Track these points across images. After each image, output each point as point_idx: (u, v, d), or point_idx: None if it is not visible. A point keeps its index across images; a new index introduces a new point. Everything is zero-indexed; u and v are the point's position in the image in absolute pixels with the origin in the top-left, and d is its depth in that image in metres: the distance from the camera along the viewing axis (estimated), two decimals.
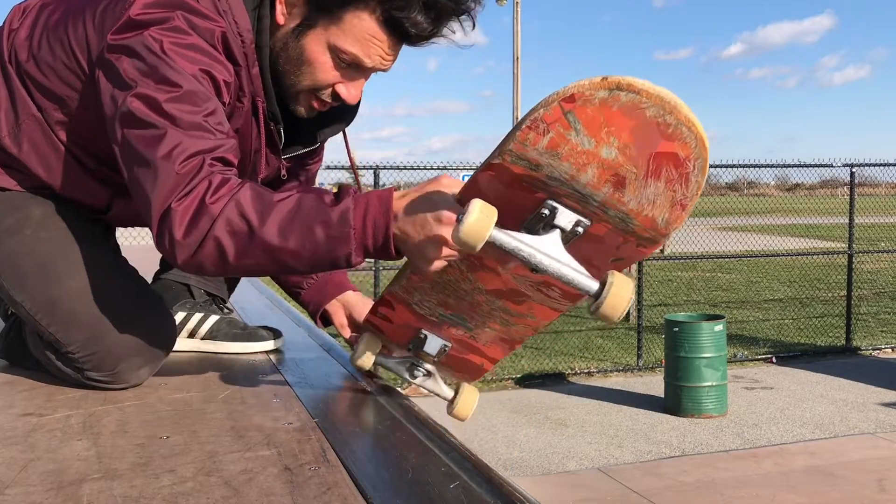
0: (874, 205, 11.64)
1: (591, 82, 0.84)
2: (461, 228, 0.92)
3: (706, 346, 6.67)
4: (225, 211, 1.09)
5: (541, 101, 0.87)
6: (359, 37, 1.28)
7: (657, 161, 0.90)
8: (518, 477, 5.29)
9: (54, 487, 0.94)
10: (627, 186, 0.93)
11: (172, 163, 1.11)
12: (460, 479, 0.96)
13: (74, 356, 1.36)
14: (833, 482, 5.20)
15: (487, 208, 0.93)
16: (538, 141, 0.89)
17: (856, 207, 9.35)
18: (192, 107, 1.16)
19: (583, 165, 0.91)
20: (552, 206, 0.97)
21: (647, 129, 0.87)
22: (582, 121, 0.86)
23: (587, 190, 0.94)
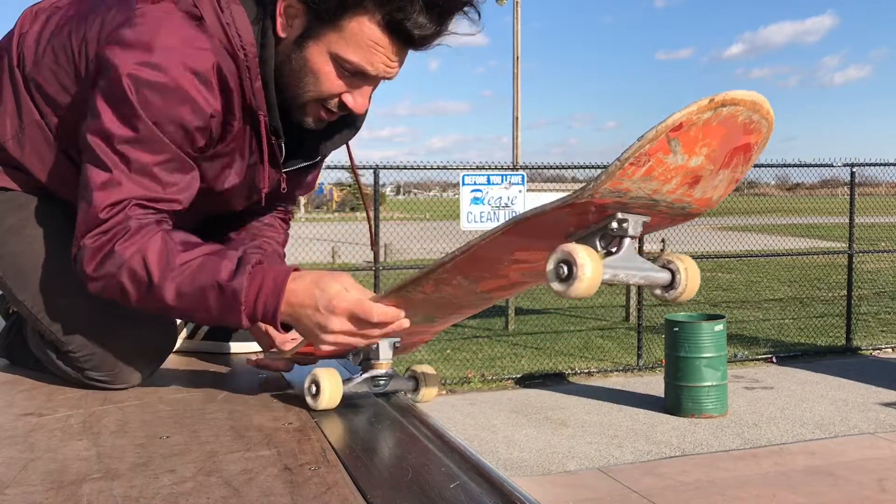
0: (874, 205, 11.65)
1: (699, 107, 0.83)
2: (573, 289, 0.87)
3: (706, 345, 6.67)
4: (130, 260, 1.19)
5: (646, 136, 0.83)
6: (360, 44, 1.24)
7: (733, 153, 0.91)
8: (518, 477, 5.29)
9: (54, 487, 0.94)
10: (701, 182, 0.92)
11: (101, 202, 1.20)
12: (460, 479, 0.96)
13: (75, 355, 1.37)
14: (833, 482, 5.20)
15: (593, 256, 0.88)
16: (636, 172, 0.86)
17: (856, 207, 9.35)
18: (144, 152, 1.21)
19: (669, 179, 0.89)
20: (622, 220, 0.93)
21: (735, 132, 0.88)
22: (682, 143, 0.85)
23: (663, 196, 0.91)
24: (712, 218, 13.77)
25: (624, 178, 0.86)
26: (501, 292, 1.21)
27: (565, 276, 0.88)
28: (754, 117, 0.88)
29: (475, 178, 8.51)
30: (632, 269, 0.95)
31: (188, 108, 1.22)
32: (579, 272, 0.87)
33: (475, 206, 8.46)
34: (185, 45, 1.21)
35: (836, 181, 12.64)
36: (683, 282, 0.99)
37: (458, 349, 9.18)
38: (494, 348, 9.41)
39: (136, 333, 1.37)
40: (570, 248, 0.88)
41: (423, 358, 8.34)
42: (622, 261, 0.94)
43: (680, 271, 0.99)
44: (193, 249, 1.21)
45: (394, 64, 1.28)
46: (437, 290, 1.14)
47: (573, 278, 0.88)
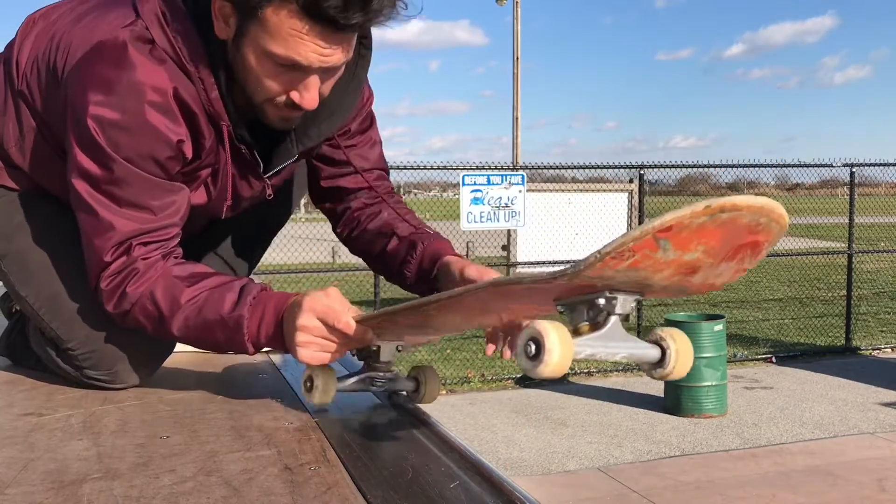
0: (874, 205, 11.64)
1: (693, 212, 0.77)
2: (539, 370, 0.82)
3: (706, 345, 6.67)
4: (141, 299, 1.26)
5: (630, 234, 0.79)
6: (284, 35, 1.17)
7: (739, 249, 0.86)
8: (518, 477, 5.29)
9: (54, 487, 0.94)
10: (699, 273, 0.87)
11: (103, 247, 1.26)
12: (460, 479, 0.96)
13: (74, 353, 1.37)
14: (833, 482, 5.20)
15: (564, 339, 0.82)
16: (619, 265, 0.82)
17: (856, 207, 9.35)
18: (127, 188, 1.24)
19: (660, 270, 0.84)
20: (610, 298, 0.89)
21: (737, 233, 0.83)
22: (673, 243, 0.80)
23: (655, 282, 0.87)
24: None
25: (605, 269, 0.82)
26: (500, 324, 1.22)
27: (532, 355, 0.83)
28: (762, 220, 0.82)
29: (475, 178, 8.50)
30: (614, 347, 0.90)
31: (156, 142, 1.23)
32: (545, 356, 0.81)
33: (475, 206, 8.45)
34: (142, 77, 1.21)
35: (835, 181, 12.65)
36: (672, 362, 0.94)
37: (458, 349, 9.18)
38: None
39: (136, 334, 1.37)
40: (542, 327, 0.82)
41: (423, 358, 8.34)
42: (604, 339, 0.89)
43: (671, 350, 0.93)
44: (199, 283, 1.26)
45: (328, 51, 1.20)
46: (426, 321, 1.14)
47: (539, 362, 0.82)
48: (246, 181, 1.41)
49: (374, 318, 1.18)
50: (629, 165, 9.28)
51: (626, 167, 9.41)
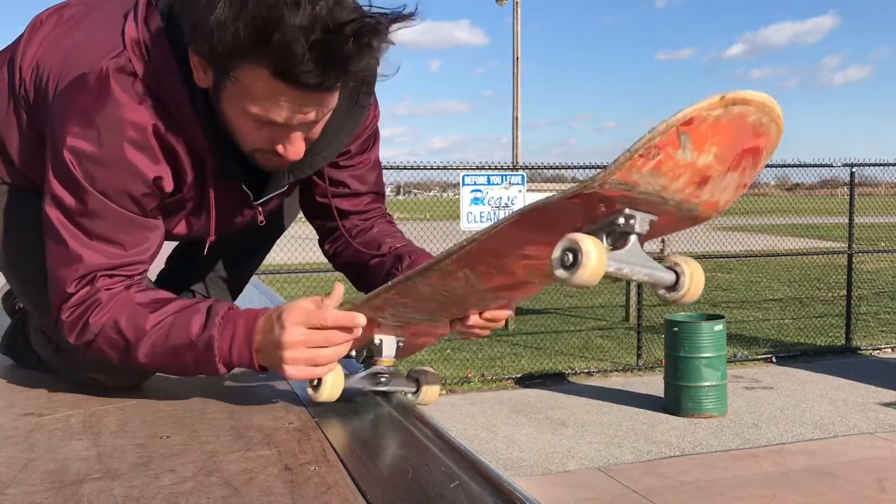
0: (874, 205, 11.65)
1: (710, 103, 0.83)
2: (577, 276, 0.87)
3: (706, 345, 6.68)
4: (104, 328, 1.22)
5: (657, 129, 0.83)
6: (260, 95, 1.12)
7: (742, 156, 0.91)
8: (518, 477, 5.29)
9: (55, 487, 0.94)
10: (709, 183, 0.92)
11: (67, 277, 1.22)
12: (460, 479, 0.96)
13: (72, 355, 1.37)
14: (833, 482, 5.20)
15: (598, 246, 0.88)
16: (645, 165, 0.85)
17: (856, 207, 9.35)
18: (99, 221, 1.21)
19: (678, 176, 0.88)
20: (629, 216, 0.93)
21: (744, 133, 0.88)
22: (692, 138, 0.85)
23: (670, 195, 0.91)
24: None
25: (633, 171, 0.86)
26: (508, 291, 1.20)
27: (570, 264, 0.88)
28: (764, 119, 0.88)
29: (475, 178, 8.51)
30: (637, 265, 0.95)
31: (132, 178, 1.20)
32: (584, 259, 0.87)
33: (475, 206, 8.46)
34: (122, 112, 1.17)
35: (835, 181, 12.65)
36: (687, 285, 0.99)
37: (458, 349, 9.18)
38: (494, 348, 9.41)
39: None
40: (577, 236, 0.88)
41: (423, 358, 8.34)
42: (628, 256, 0.94)
43: (685, 274, 0.99)
44: (164, 308, 1.22)
45: (307, 110, 1.15)
46: (443, 283, 1.13)
47: (577, 265, 0.87)
48: (236, 210, 1.37)
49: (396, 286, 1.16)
50: None
51: None
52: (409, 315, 1.24)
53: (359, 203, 1.53)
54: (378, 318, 1.24)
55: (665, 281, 0.99)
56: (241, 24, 1.04)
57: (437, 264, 1.09)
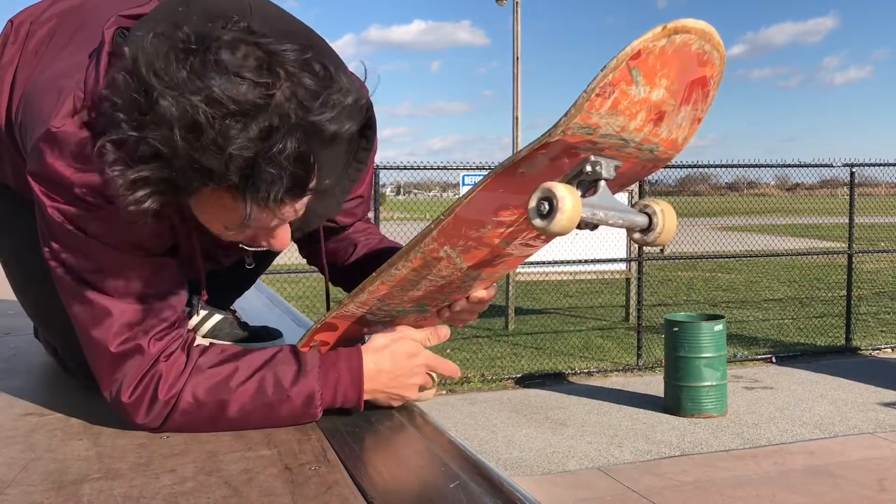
0: (874, 205, 11.65)
1: (654, 34, 0.85)
2: (554, 222, 0.89)
3: (706, 345, 6.68)
4: (181, 402, 1.11)
5: (608, 66, 0.86)
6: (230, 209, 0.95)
7: (691, 87, 0.93)
8: (518, 477, 5.29)
9: (55, 487, 0.94)
10: (665, 119, 0.94)
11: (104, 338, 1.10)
12: (460, 479, 0.96)
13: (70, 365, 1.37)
14: (833, 482, 5.20)
15: (572, 192, 0.90)
16: (603, 105, 0.88)
17: (856, 207, 9.35)
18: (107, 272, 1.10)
19: (634, 114, 0.90)
20: (595, 162, 0.95)
21: (689, 62, 0.90)
22: (643, 72, 0.87)
23: (631, 136, 0.93)
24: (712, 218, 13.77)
25: (592, 112, 0.88)
26: (490, 268, 1.19)
27: (546, 212, 0.90)
28: (706, 47, 0.90)
29: (475, 179, 8.50)
30: (610, 210, 0.97)
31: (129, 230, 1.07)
32: (560, 204, 0.88)
33: None
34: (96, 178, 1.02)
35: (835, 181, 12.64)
36: (660, 224, 1.00)
37: (458, 349, 9.18)
38: (494, 348, 9.41)
39: None
40: (550, 184, 0.90)
41: None
42: (600, 201, 0.96)
43: (657, 213, 1.00)
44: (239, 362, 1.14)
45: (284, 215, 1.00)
46: (425, 265, 1.12)
47: (554, 212, 0.89)
48: (224, 252, 1.30)
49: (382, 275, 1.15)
50: None
51: None
52: (395, 308, 1.24)
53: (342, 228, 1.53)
54: (366, 315, 1.24)
55: (639, 224, 1.00)
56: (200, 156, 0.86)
57: (418, 245, 1.09)
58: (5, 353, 1.73)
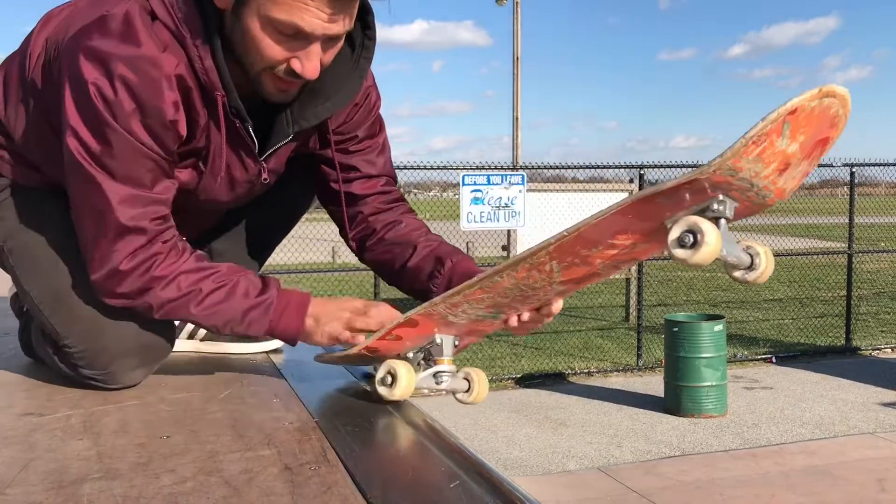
0: (874, 205, 11.64)
1: (812, 95, 0.91)
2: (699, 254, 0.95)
3: (706, 346, 6.67)
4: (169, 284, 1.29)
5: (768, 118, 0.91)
6: (288, 1, 1.17)
7: (816, 145, 0.98)
8: (518, 477, 5.29)
9: (55, 487, 0.94)
10: (788, 170, 0.98)
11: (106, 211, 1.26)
12: (460, 478, 0.96)
13: (70, 350, 1.37)
14: (833, 482, 5.20)
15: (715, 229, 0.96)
16: (752, 152, 0.93)
17: (856, 207, 9.35)
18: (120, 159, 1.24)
19: (770, 162, 0.95)
20: (722, 201, 0.99)
21: (825, 123, 0.96)
22: (792, 127, 0.92)
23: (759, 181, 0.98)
24: None
25: (743, 157, 0.93)
26: (574, 284, 1.23)
27: (690, 244, 0.96)
28: (840, 112, 0.96)
29: (475, 179, 8.50)
30: (729, 248, 1.02)
31: (153, 115, 1.23)
32: (705, 238, 0.95)
33: (475, 206, 8.45)
34: (142, 51, 1.21)
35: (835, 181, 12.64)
36: (762, 265, 1.06)
37: None
38: (494, 348, 9.41)
39: (133, 335, 1.37)
40: (696, 219, 0.97)
41: None
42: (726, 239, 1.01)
43: (759, 254, 1.06)
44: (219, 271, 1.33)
45: (332, 18, 1.20)
46: (528, 275, 1.17)
47: (698, 245, 0.95)
48: (240, 161, 1.39)
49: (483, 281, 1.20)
50: (629, 165, 9.29)
51: (626, 167, 9.42)
52: (477, 312, 1.26)
53: (373, 186, 1.55)
54: (448, 316, 1.26)
55: (745, 262, 1.06)
56: None
57: (532, 255, 1.13)
58: (5, 353, 1.73)
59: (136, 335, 1.38)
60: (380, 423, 1.24)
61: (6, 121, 1.42)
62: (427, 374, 1.30)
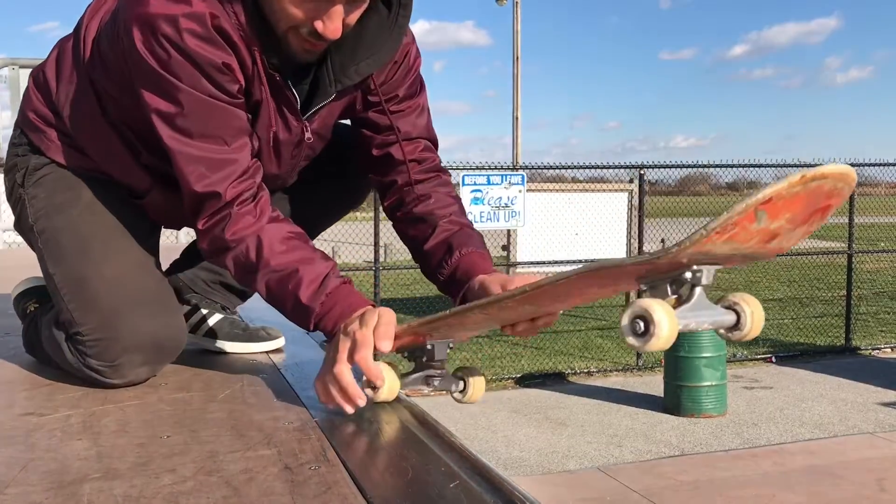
0: (874, 205, 11.64)
1: (791, 183, 0.84)
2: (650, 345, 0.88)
3: (705, 345, 6.68)
4: (237, 247, 1.31)
5: (734, 209, 0.85)
6: None
7: (813, 214, 0.92)
8: (518, 476, 5.29)
9: (54, 487, 0.94)
10: (776, 239, 0.93)
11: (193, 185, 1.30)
12: (460, 478, 0.96)
13: (83, 338, 1.38)
14: (833, 482, 5.20)
15: (669, 313, 0.88)
16: (720, 238, 0.87)
17: (855, 207, 9.35)
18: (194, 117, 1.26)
19: (749, 240, 0.90)
20: (697, 270, 0.94)
21: (818, 199, 0.89)
22: (768, 213, 0.87)
23: (740, 252, 0.92)
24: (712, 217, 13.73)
25: (707, 244, 0.87)
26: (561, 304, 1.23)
27: (641, 332, 0.89)
28: (839, 185, 0.89)
29: (475, 179, 8.51)
30: (701, 317, 0.95)
31: (210, 66, 1.24)
32: (656, 330, 0.87)
33: (475, 206, 8.46)
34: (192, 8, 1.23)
35: None
36: (749, 323, 0.99)
37: (458, 349, 9.17)
38: (494, 348, 9.41)
39: (146, 332, 1.37)
40: (647, 303, 0.89)
41: None
42: (692, 309, 0.94)
43: (745, 312, 1.00)
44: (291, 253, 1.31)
45: None
46: (500, 313, 1.16)
47: (649, 335, 0.88)
48: (283, 120, 1.39)
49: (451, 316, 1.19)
50: (629, 165, 9.29)
51: (626, 167, 9.42)
52: (463, 331, 1.27)
53: (413, 150, 1.53)
54: (433, 333, 1.27)
55: (727, 323, 1.00)
56: None
57: (497, 302, 1.12)
58: (5, 353, 1.73)
59: (151, 331, 1.38)
60: (380, 423, 1.24)
61: (57, 100, 1.45)
62: (416, 377, 1.29)
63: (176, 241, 5.05)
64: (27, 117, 1.50)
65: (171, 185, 1.44)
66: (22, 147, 1.50)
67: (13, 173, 1.51)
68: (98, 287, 1.39)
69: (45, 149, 1.47)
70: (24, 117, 1.51)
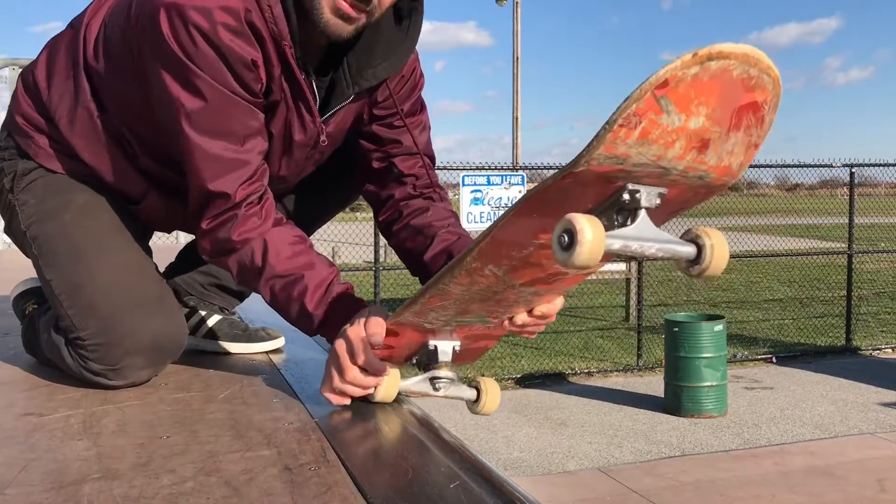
0: (874, 205, 11.64)
1: (683, 61, 0.80)
2: (574, 255, 0.84)
3: (706, 346, 6.68)
4: (241, 249, 1.32)
5: (631, 95, 0.81)
6: None
7: (739, 113, 0.88)
8: (518, 477, 5.29)
9: (54, 487, 0.94)
10: (710, 147, 0.89)
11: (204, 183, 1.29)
12: (460, 479, 0.96)
13: (84, 343, 1.37)
14: (833, 482, 5.20)
15: (594, 224, 0.85)
16: (629, 135, 0.83)
17: (856, 207, 9.35)
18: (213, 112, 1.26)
19: (671, 143, 0.86)
20: (633, 190, 0.90)
21: (732, 88, 0.85)
22: (674, 101, 0.82)
23: (671, 164, 0.88)
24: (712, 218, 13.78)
25: (617, 142, 0.84)
26: (545, 285, 1.18)
27: (567, 245, 0.86)
28: (752, 72, 0.85)
29: (475, 179, 8.51)
30: (647, 242, 0.91)
31: (235, 59, 1.24)
32: (580, 237, 0.84)
33: (475, 206, 8.46)
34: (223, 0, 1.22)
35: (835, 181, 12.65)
36: (708, 257, 0.94)
37: None
38: (494, 348, 9.37)
39: (146, 334, 1.37)
40: (571, 216, 0.86)
41: None
42: (637, 231, 0.91)
43: (706, 246, 0.94)
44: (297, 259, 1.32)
45: None
46: (472, 281, 1.12)
47: (574, 245, 0.85)
48: (299, 119, 1.39)
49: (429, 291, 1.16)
50: None
51: None
52: (454, 318, 1.23)
53: (412, 166, 1.55)
54: (425, 325, 1.24)
55: (683, 254, 0.95)
56: None
57: (460, 263, 1.09)
58: (5, 353, 1.73)
59: (151, 332, 1.38)
60: (380, 424, 1.24)
61: (48, 102, 1.44)
62: (419, 378, 1.28)
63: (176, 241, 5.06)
64: (15, 120, 1.49)
65: (166, 190, 1.44)
66: (9, 150, 1.49)
67: (0, 178, 1.49)
68: (95, 292, 1.38)
69: (34, 154, 1.46)
70: (11, 120, 1.50)
